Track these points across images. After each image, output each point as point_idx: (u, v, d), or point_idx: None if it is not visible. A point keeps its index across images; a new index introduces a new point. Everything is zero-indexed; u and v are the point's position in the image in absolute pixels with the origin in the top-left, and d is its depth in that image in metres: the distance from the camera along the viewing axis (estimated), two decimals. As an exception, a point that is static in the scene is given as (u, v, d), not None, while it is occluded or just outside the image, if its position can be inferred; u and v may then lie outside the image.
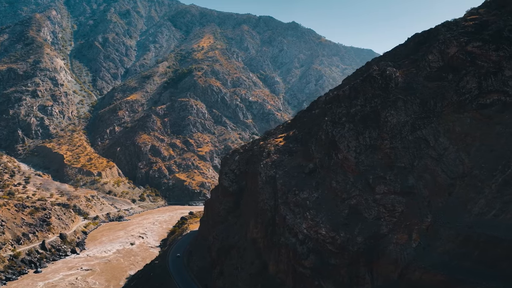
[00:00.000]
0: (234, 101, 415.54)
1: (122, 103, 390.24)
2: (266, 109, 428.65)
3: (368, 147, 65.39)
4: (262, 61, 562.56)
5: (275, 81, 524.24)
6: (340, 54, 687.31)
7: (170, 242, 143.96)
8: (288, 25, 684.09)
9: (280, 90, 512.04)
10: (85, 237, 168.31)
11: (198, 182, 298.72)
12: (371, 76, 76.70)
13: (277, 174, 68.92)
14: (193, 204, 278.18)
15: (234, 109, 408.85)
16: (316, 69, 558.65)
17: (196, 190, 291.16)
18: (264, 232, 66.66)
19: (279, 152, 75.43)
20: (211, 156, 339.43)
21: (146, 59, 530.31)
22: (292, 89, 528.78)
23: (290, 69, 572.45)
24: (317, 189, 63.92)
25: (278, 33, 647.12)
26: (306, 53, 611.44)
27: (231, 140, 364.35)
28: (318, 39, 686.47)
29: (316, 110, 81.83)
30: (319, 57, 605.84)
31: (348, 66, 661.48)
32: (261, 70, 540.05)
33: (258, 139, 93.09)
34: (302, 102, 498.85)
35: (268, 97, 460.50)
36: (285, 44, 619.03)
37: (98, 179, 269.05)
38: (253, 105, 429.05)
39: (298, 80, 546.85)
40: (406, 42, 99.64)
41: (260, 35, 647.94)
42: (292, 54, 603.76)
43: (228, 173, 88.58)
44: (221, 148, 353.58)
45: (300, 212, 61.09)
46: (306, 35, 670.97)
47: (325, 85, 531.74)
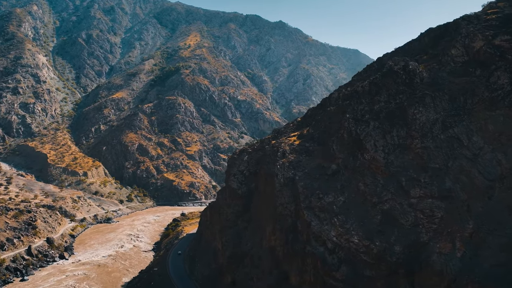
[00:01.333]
0: (223, 99, 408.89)
1: (108, 101, 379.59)
2: (255, 108, 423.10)
3: (396, 147, 60.64)
4: (250, 60, 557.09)
5: (263, 80, 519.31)
6: (327, 53, 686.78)
7: (165, 245, 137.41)
8: (275, 24, 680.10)
9: (268, 89, 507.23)
10: (73, 241, 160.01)
11: (187, 182, 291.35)
12: (393, 71, 72.08)
13: (297, 176, 63.59)
14: (182, 204, 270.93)
15: (223, 108, 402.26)
16: (303, 68, 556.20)
17: (186, 190, 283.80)
18: (284, 239, 61.28)
19: (295, 152, 70.10)
20: (200, 155, 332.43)
21: (132, 57, 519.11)
22: (280, 88, 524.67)
23: (277, 68, 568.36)
24: (343, 192, 58.83)
25: (265, 32, 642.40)
26: (293, 53, 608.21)
27: (220, 139, 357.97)
28: (305, 39, 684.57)
29: (331, 107, 76.77)
30: (306, 57, 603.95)
31: (335, 66, 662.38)
32: (249, 69, 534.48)
33: (267, 138, 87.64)
34: (290, 102, 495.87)
35: (257, 96, 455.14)
36: (272, 43, 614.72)
37: (84, 179, 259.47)
38: (242, 104, 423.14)
39: (286, 80, 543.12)
40: (420, 37, 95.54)
41: (247, 34, 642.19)
42: (280, 53, 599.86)
43: (236, 174, 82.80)
44: (210, 148, 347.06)
45: (327, 217, 55.91)
46: (293, 35, 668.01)
47: (313, 85, 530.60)
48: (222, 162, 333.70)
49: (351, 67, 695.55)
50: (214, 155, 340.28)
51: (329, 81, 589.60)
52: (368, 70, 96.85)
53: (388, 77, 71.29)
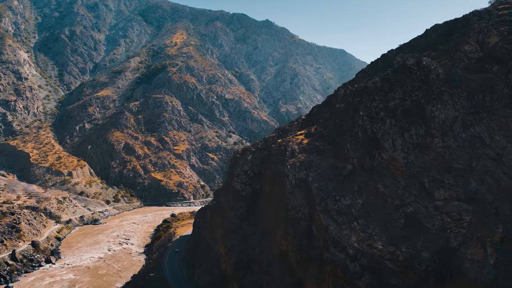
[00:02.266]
0: (210, 98, 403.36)
1: (92, 99, 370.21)
2: (243, 107, 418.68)
3: (416, 146, 57.60)
4: (237, 59, 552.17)
5: (250, 79, 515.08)
6: (314, 53, 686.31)
7: (158, 248, 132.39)
8: (262, 23, 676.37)
9: (255, 88, 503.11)
10: (59, 244, 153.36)
11: (176, 182, 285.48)
12: (406, 66, 69.15)
13: (309, 177, 60.00)
14: (171, 205, 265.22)
15: (210, 106, 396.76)
16: (291, 67, 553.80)
17: (174, 190, 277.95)
18: (297, 244, 57.64)
19: (305, 151, 66.51)
20: (188, 154, 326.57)
21: (117, 54, 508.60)
22: (268, 87, 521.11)
23: (264, 67, 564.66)
24: (361, 194, 55.47)
25: (252, 31, 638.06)
26: (280, 52, 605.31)
27: (208, 139, 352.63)
28: (291, 38, 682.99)
29: (340, 104, 73.43)
30: (293, 56, 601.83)
31: (321, 66, 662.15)
32: (236, 67, 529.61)
33: (271, 137, 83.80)
34: (277, 101, 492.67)
35: (244, 94, 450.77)
36: (259, 42, 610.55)
37: (69, 179, 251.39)
38: (230, 102, 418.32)
39: (273, 79, 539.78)
40: (426, 34, 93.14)
41: (234, 33, 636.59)
42: (267, 52, 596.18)
43: (240, 175, 78.64)
44: (198, 147, 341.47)
45: (346, 221, 52.47)
46: (280, 34, 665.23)
47: (300, 84, 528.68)
48: (210, 162, 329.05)
49: (338, 67, 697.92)
50: (202, 154, 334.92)
51: (316, 81, 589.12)
52: (373, 67, 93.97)
53: (401, 73, 68.33)
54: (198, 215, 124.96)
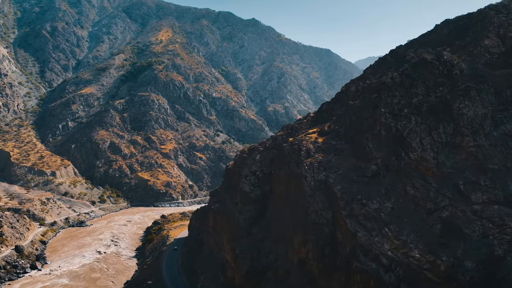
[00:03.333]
0: (197, 96, 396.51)
1: (76, 97, 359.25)
2: (230, 105, 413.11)
3: (445, 145, 53.88)
4: (223, 57, 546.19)
5: (237, 78, 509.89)
6: (300, 52, 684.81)
7: (151, 251, 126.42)
8: (248, 21, 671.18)
9: (242, 87, 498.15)
10: (44, 248, 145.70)
11: (163, 182, 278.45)
12: (426, 61, 65.46)
13: (330, 178, 55.71)
14: (158, 205, 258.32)
15: (198, 105, 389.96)
16: (277, 66, 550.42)
17: (162, 190, 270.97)
18: (319, 252, 53.30)
19: (321, 151, 62.24)
20: (176, 154, 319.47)
21: (100, 51, 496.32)
22: (254, 86, 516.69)
23: (251, 66, 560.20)
24: (389, 197, 51.44)
25: (238, 30, 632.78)
26: (267, 51, 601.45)
27: (195, 138, 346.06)
28: (278, 37, 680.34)
29: (354, 101, 69.42)
30: (280, 55, 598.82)
31: (308, 65, 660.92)
32: (223, 66, 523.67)
33: (280, 135, 79.06)
34: (265, 100, 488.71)
35: (232, 93, 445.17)
36: (246, 41, 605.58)
37: (52, 179, 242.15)
38: (217, 101, 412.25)
39: (260, 77, 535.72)
40: (436, 29, 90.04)
41: (220, 31, 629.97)
42: (253, 51, 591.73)
43: (248, 176, 73.67)
44: (186, 146, 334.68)
45: (375, 227, 48.32)
46: (266, 33, 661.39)
47: (287, 83, 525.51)
48: (198, 161, 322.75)
49: (324, 66, 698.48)
50: (190, 154, 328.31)
51: (302, 80, 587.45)
52: (381, 63, 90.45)
53: (421, 68, 64.65)
54: (195, 217, 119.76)
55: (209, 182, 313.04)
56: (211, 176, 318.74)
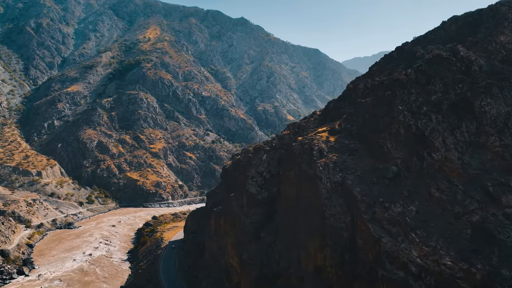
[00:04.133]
0: (187, 95, 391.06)
1: (62, 95, 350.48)
2: (220, 104, 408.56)
3: (468, 144, 51.14)
4: (212, 56, 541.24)
5: (226, 77, 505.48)
6: (289, 52, 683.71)
7: (144, 254, 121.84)
8: (237, 20, 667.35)
9: (231, 86, 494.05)
10: (31, 252, 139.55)
11: (153, 182, 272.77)
12: (441, 57, 62.78)
13: (348, 180, 52.54)
14: (148, 206, 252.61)
15: (187, 104, 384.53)
16: (267, 66, 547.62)
17: (151, 191, 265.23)
18: (338, 258, 50.01)
19: (334, 151, 59.10)
20: (165, 153, 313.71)
21: (86, 49, 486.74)
22: (244, 85, 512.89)
23: (240, 65, 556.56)
24: (412, 200, 48.46)
25: (227, 28, 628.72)
26: (256, 50, 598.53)
27: (185, 137, 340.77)
28: (267, 36, 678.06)
29: (365, 98, 66.54)
30: (269, 54, 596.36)
31: (296, 65, 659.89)
32: (211, 64, 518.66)
33: (286, 134, 75.52)
34: (254, 99, 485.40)
35: (221, 92, 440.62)
36: (235, 40, 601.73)
37: (38, 179, 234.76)
38: (206, 100, 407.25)
39: (249, 77, 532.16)
40: (443, 26, 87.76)
41: (208, 29, 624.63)
42: (242, 50, 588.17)
43: (255, 177, 69.89)
44: (175, 145, 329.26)
45: (401, 233, 45.24)
46: (255, 32, 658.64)
47: (276, 82, 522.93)
48: (188, 161, 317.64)
49: (312, 66, 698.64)
50: (180, 153, 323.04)
51: (292, 80, 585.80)
52: (388, 60, 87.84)
53: (437, 65, 61.96)
54: (191, 219, 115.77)
55: (199, 182, 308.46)
56: (201, 176, 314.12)
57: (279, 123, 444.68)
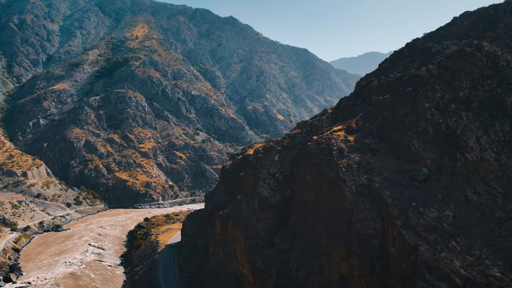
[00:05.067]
0: (176, 94, 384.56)
1: (47, 93, 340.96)
2: (210, 103, 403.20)
3: (503, 144, 47.85)
4: (201, 55, 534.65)
5: (215, 76, 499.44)
6: (278, 51, 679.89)
7: (139, 259, 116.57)
8: (226, 19, 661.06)
9: (221, 85, 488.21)
10: (18, 257, 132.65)
11: (143, 182, 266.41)
12: (465, 52, 59.53)
13: (375, 182, 48.80)
14: (138, 207, 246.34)
15: (176, 102, 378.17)
16: (256, 65, 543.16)
17: (141, 191, 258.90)
18: (368, 267, 46.24)
19: (355, 150, 55.36)
20: (155, 153, 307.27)
21: (72, 46, 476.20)
22: (233, 85, 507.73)
23: (229, 64, 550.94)
24: (448, 204, 44.91)
25: (216, 27, 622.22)
26: (245, 49, 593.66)
27: (175, 136, 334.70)
28: (256, 35, 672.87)
29: (383, 95, 63.01)
30: (258, 54, 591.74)
31: (285, 64, 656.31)
32: (201, 63, 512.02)
33: (297, 133, 71.39)
34: (244, 98, 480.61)
35: (211, 91, 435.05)
36: (224, 39, 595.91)
37: (23, 180, 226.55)
38: (196, 99, 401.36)
39: (239, 76, 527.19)
40: (456, 21, 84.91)
41: (197, 28, 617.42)
42: (231, 49, 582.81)
43: (267, 179, 65.52)
44: (165, 145, 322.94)
45: (439, 240, 41.66)
46: (244, 31, 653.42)
47: (266, 82, 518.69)
48: (178, 160, 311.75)
49: (301, 65, 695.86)
50: (170, 153, 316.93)
51: (281, 79, 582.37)
52: (398, 56, 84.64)
53: (461, 60, 58.67)
54: (189, 222, 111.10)
55: (190, 182, 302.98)
56: (192, 176, 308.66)
57: (269, 122, 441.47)
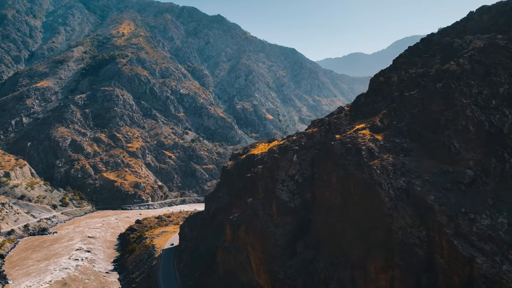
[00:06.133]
0: (164, 92, 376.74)
1: (30, 90, 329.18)
2: (199, 102, 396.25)
3: (555, 143, 43.86)
4: (189, 53, 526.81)
5: (204, 74, 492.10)
6: (266, 51, 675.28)
7: (135, 265, 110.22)
8: (213, 18, 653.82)
9: (209, 84, 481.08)
10: (3, 263, 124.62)
11: (132, 183, 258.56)
12: (498, 46, 55.58)
13: (416, 186, 44.24)
14: (127, 208, 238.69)
15: (165, 101, 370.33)
16: (244, 64, 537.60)
17: (130, 192, 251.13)
18: (412, 281, 41.58)
19: (386, 150, 50.77)
20: (143, 152, 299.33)
21: (56, 43, 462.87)
22: (222, 83, 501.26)
23: (218, 62, 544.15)
24: (500, 210, 40.69)
25: (204, 25, 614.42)
26: (233, 48, 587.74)
27: (163, 135, 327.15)
28: (244, 34, 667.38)
29: (407, 91, 58.65)
30: (246, 53, 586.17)
31: (273, 63, 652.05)
32: (188, 62, 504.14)
33: (316, 131, 66.07)
34: (232, 97, 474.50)
35: (199, 90, 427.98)
36: (211, 37, 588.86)
37: (6, 181, 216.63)
38: (185, 98, 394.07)
39: (227, 75, 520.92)
40: (473, 16, 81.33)
41: (184, 26, 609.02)
42: (219, 48, 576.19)
43: (285, 181, 60.15)
44: (153, 144, 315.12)
45: (496, 251, 37.34)
46: (232, 30, 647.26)
47: (255, 81, 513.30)
48: (167, 160, 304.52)
49: (289, 65, 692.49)
50: (158, 152, 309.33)
51: (269, 78, 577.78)
52: (413, 51, 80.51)
53: (495, 54, 54.71)
54: (188, 225, 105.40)
55: (180, 182, 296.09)
56: (181, 176, 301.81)
57: (258, 122, 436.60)
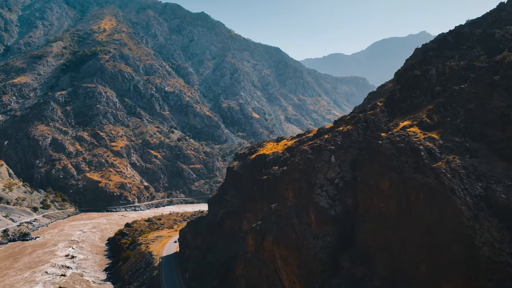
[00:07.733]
0: (149, 90, 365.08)
1: (7, 86, 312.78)
2: (184, 101, 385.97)
3: None
4: (173, 50, 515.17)
5: (188, 72, 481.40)
6: (250, 49, 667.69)
7: (131, 274, 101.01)
8: (197, 15, 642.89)
9: (194, 82, 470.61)
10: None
11: (117, 183, 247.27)
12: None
13: (500, 193, 37.56)
14: (113, 210, 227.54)
15: (149, 99, 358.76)
16: (230, 62, 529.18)
17: (115, 193, 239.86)
18: (503, 303, 35.04)
19: (449, 151, 44.03)
20: (128, 151, 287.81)
21: (33, 37, 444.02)
22: (207, 81, 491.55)
23: (202, 60, 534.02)
24: None
25: (187, 23, 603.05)
26: (217, 46, 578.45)
27: (149, 134, 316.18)
28: (228, 32, 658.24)
29: (463, 84, 52.30)
30: (231, 51, 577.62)
31: (258, 62, 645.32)
32: (172, 59, 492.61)
33: (351, 129, 58.52)
34: (218, 96, 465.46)
35: (185, 88, 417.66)
36: (196, 35, 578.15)
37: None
38: (170, 95, 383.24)
39: (212, 73, 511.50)
40: (505, 7, 75.90)
41: (167, 23, 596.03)
42: (204, 46, 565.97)
43: (324, 185, 52.08)
44: (139, 143, 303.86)
45: None
46: (216, 27, 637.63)
47: (240, 79, 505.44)
48: (153, 160, 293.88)
49: (274, 64, 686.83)
50: (144, 152, 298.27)
51: (254, 77, 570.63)
52: (442, 44, 74.56)
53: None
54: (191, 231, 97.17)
55: (166, 182, 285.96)
56: (168, 176, 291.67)
57: (245, 121, 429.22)
